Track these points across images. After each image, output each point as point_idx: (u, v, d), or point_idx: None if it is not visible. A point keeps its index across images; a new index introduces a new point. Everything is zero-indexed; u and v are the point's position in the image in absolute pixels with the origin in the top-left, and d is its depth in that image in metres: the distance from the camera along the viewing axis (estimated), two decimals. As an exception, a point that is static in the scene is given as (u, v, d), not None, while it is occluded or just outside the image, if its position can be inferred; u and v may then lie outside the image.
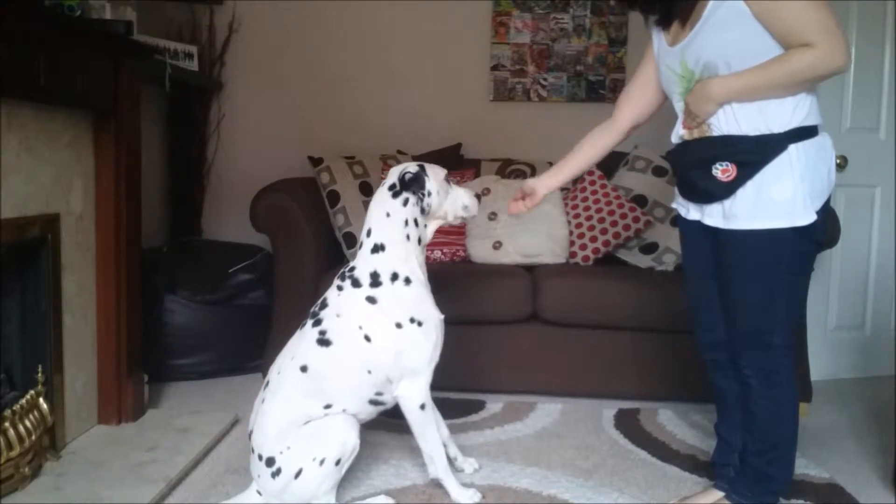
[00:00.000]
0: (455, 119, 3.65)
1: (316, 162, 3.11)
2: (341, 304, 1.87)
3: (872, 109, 3.15)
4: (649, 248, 3.03)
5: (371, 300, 1.84)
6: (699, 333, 1.92)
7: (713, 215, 1.72)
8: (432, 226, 2.00)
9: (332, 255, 2.97)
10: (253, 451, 1.84)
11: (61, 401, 2.10)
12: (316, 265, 2.81)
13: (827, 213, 1.69)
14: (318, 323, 1.86)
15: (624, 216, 3.02)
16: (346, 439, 1.80)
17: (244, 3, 3.62)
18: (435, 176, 1.97)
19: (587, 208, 3.07)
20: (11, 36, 1.72)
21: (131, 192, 2.36)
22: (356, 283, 1.87)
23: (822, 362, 3.11)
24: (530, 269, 2.92)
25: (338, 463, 1.78)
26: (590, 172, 3.16)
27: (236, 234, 3.40)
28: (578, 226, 3.07)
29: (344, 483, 2.00)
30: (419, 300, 1.89)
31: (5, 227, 1.81)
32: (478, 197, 2.06)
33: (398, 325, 1.84)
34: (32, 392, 1.94)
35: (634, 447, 2.35)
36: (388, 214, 1.91)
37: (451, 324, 2.42)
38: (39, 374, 1.96)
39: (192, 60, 3.35)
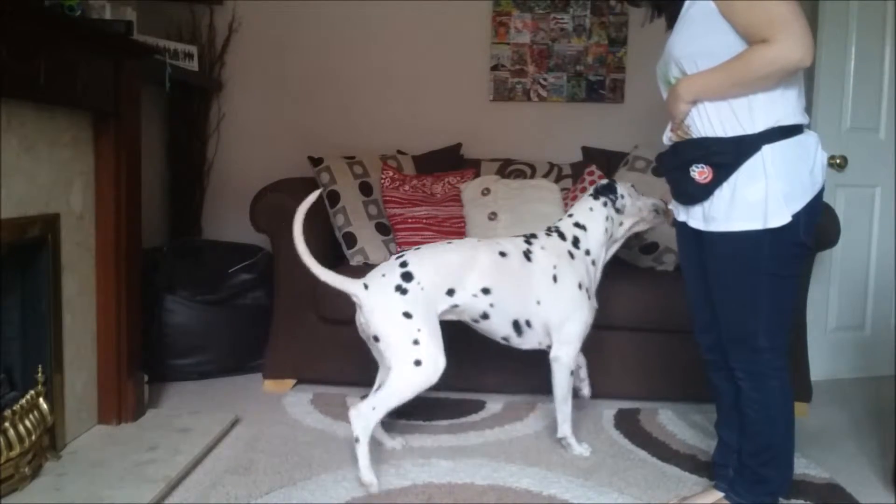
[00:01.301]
0: (455, 119, 3.65)
1: (316, 162, 3.11)
2: (548, 242, 2.26)
3: (872, 109, 3.16)
4: (649, 248, 3.03)
5: (570, 255, 2.25)
6: (697, 333, 1.92)
7: (696, 217, 1.74)
8: (628, 223, 2.36)
9: (333, 256, 2.97)
10: (404, 262, 2.08)
11: (61, 401, 2.10)
12: (316, 265, 2.81)
13: (814, 215, 1.66)
14: (528, 243, 2.25)
15: (624, 216, 3.01)
16: (423, 385, 2.01)
17: (244, 3, 3.62)
18: (622, 184, 2.38)
19: (587, 208, 3.06)
20: (11, 36, 1.72)
21: (131, 192, 2.36)
22: (562, 237, 2.28)
23: (822, 362, 3.11)
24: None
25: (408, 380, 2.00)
26: (589, 172, 3.16)
27: (236, 234, 3.40)
28: (578, 226, 3.07)
29: (344, 483, 2.01)
30: (593, 281, 2.30)
31: (5, 227, 1.81)
32: (665, 207, 2.35)
33: (579, 286, 2.22)
34: (32, 392, 1.94)
35: (634, 447, 2.35)
36: (591, 209, 2.32)
37: (451, 324, 2.43)
38: (39, 374, 1.96)
39: (192, 60, 3.35)
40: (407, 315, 2.00)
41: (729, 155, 1.63)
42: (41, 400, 1.95)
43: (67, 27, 2.00)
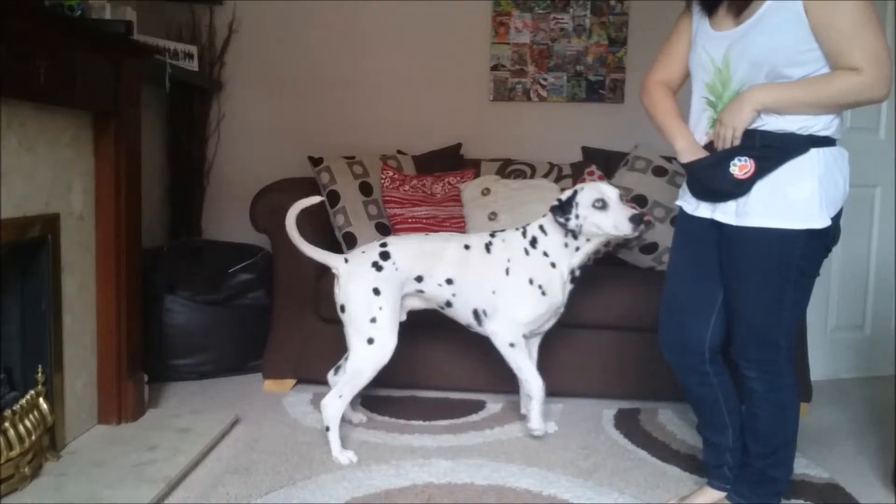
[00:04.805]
0: (455, 119, 3.65)
1: (316, 162, 3.11)
2: (509, 237, 2.34)
3: (872, 109, 3.15)
4: (649, 248, 3.03)
5: (526, 251, 2.30)
6: (677, 335, 1.87)
7: (726, 212, 1.70)
8: (595, 240, 2.28)
9: (332, 255, 2.97)
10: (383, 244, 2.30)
11: (61, 401, 2.10)
12: (316, 265, 2.80)
13: (838, 222, 1.68)
14: (493, 236, 2.35)
15: (624, 216, 3.01)
16: (377, 365, 2.19)
17: (244, 3, 3.62)
18: (584, 200, 2.22)
19: (587, 208, 3.06)
20: (11, 36, 1.72)
21: (131, 192, 2.36)
22: (524, 234, 2.33)
23: (822, 362, 3.11)
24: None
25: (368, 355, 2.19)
26: (589, 172, 3.17)
27: (236, 234, 3.40)
28: (578, 226, 3.07)
29: (344, 483, 2.01)
30: (552, 280, 2.29)
31: (5, 227, 1.81)
32: (638, 220, 2.19)
33: (530, 281, 2.26)
34: (32, 392, 1.94)
35: (634, 447, 2.35)
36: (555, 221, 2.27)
37: (450, 324, 2.43)
38: (39, 374, 1.95)
39: (192, 60, 3.35)
40: (376, 291, 2.19)
41: (776, 149, 1.62)
42: (41, 400, 1.95)
43: (67, 27, 2.00)
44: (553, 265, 2.29)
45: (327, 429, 2.19)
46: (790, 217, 1.62)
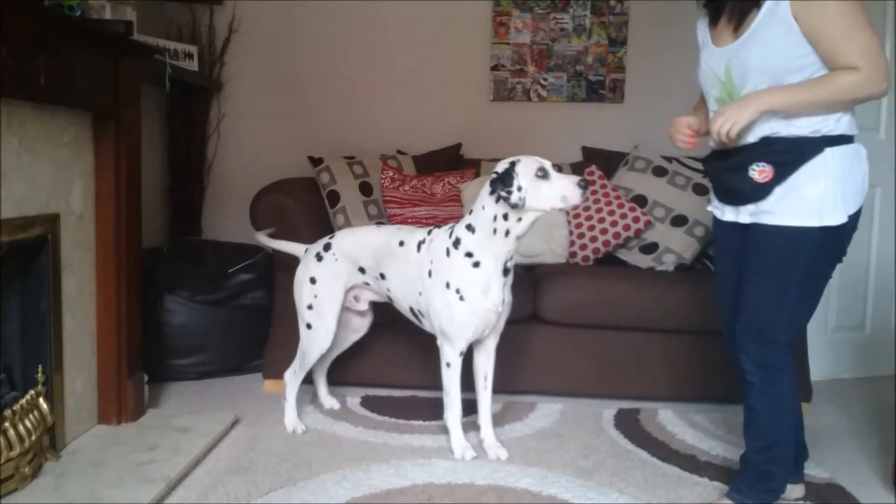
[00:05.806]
0: (455, 119, 3.65)
1: (316, 162, 3.11)
2: (437, 237, 2.22)
3: (872, 109, 3.15)
4: (649, 248, 3.03)
5: (447, 252, 2.16)
6: (730, 334, 1.89)
7: (746, 213, 1.75)
8: (528, 218, 2.07)
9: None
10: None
11: (61, 401, 2.10)
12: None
13: (856, 221, 1.70)
14: (429, 234, 2.26)
15: (624, 216, 3.02)
16: (317, 348, 2.36)
17: (244, 3, 3.62)
18: (525, 171, 2.03)
19: (587, 208, 3.06)
20: (11, 36, 1.72)
21: (131, 192, 2.36)
22: (450, 234, 2.19)
23: (822, 362, 3.11)
24: (530, 270, 2.93)
25: (309, 327, 2.36)
26: (590, 172, 3.17)
27: (236, 234, 3.40)
28: (578, 226, 3.08)
29: (344, 483, 2.01)
30: (474, 282, 2.13)
31: (5, 227, 1.81)
32: (583, 185, 2.01)
33: (447, 285, 2.13)
34: (32, 392, 1.94)
35: (634, 447, 2.35)
36: (483, 207, 2.11)
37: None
38: (39, 374, 1.95)
39: (192, 60, 3.35)
40: (312, 280, 2.32)
41: (793, 154, 1.65)
42: (41, 400, 1.95)
43: (67, 27, 2.00)
44: (476, 265, 2.11)
45: (285, 398, 2.44)
46: (805, 215, 1.65)
